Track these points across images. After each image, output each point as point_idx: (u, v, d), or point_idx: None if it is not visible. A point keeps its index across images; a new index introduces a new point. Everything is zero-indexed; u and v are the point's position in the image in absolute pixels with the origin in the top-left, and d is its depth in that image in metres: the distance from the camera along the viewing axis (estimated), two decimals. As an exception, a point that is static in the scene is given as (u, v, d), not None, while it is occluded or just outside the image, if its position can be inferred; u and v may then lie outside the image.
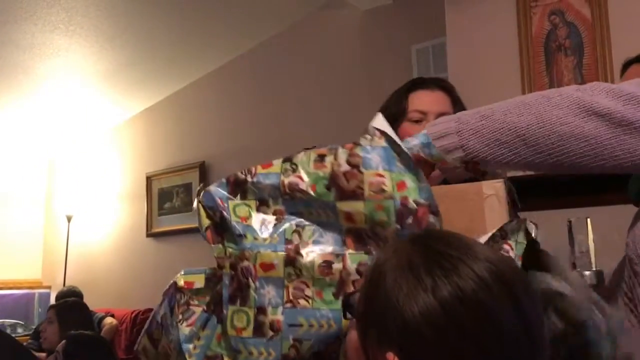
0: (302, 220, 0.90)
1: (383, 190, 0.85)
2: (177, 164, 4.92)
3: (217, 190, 0.97)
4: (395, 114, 1.40)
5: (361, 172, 0.87)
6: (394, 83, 1.73)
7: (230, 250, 0.90)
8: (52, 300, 4.75)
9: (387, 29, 3.85)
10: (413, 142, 0.94)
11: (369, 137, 0.93)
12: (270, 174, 0.92)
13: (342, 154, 0.91)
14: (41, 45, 3.98)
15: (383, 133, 0.92)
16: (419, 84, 1.44)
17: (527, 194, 1.16)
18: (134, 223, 5.18)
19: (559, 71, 2.65)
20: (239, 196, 0.95)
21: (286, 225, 0.90)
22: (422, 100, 1.40)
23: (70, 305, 3.32)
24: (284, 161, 0.93)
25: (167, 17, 3.90)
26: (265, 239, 0.89)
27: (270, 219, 0.91)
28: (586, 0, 2.62)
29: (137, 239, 5.14)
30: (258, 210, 0.92)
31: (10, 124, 5.13)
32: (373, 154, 0.89)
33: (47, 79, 4.45)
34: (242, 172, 0.96)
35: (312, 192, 0.88)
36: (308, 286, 0.85)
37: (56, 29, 3.81)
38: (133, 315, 4.47)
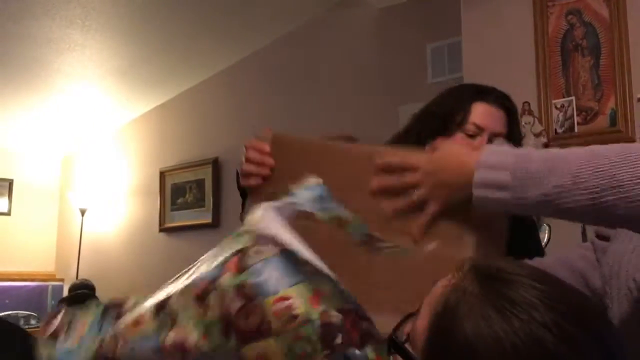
0: None
1: (294, 317, 0.65)
2: (191, 160, 4.93)
3: None
4: (452, 120, 1.31)
5: (260, 303, 0.66)
6: (409, 81, 1.72)
7: None
8: (65, 293, 4.79)
9: (402, 27, 3.83)
10: (302, 196, 0.77)
11: (255, 249, 0.70)
12: (145, 337, 0.69)
13: (228, 287, 0.67)
14: (58, 40, 4.01)
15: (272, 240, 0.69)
16: (485, 93, 1.34)
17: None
18: (147, 218, 5.21)
19: (575, 72, 2.63)
20: None
21: None
22: (485, 116, 1.31)
23: (79, 298, 3.36)
24: (155, 313, 0.70)
25: (182, 14, 3.91)
26: None
27: None
28: (604, 0, 2.59)
29: (149, 233, 5.17)
30: None
31: (26, 117, 5.18)
32: (267, 271, 0.67)
33: (63, 73, 4.49)
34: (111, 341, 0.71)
35: (205, 346, 0.66)
36: None
37: (73, 24, 3.84)
38: (145, 309, 4.49)
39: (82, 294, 3.52)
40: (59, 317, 0.76)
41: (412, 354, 0.62)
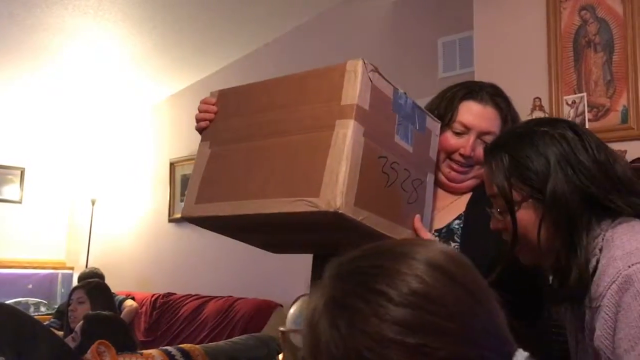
0: None
1: None
2: (201, 151, 4.95)
3: None
4: (443, 120, 1.36)
5: None
6: (420, 75, 1.73)
7: None
8: (75, 281, 4.84)
9: (414, 21, 3.82)
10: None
11: None
12: None
13: None
14: (71, 29, 4.03)
15: None
16: (474, 92, 1.38)
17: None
18: (157, 208, 5.24)
19: (587, 68, 2.61)
20: None
21: None
22: (471, 114, 1.35)
23: (98, 286, 3.40)
24: None
25: (194, 5, 3.91)
26: None
27: None
28: (618, -4, 2.57)
29: (159, 224, 5.20)
30: None
31: (38, 105, 5.21)
32: None
33: (75, 63, 4.51)
34: None
35: None
36: None
37: (86, 14, 3.85)
38: (153, 298, 4.53)
39: (97, 282, 3.56)
40: None
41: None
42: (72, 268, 5.61)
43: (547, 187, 1.01)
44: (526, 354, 0.63)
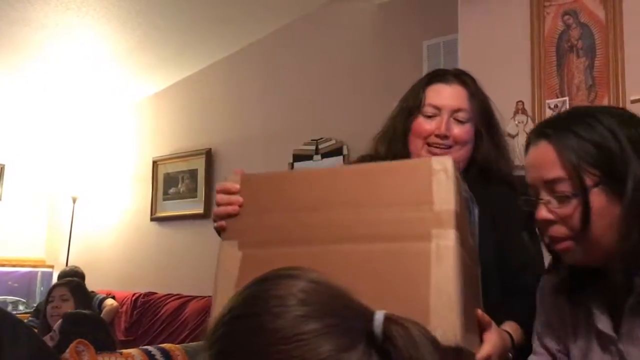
0: None
1: None
2: (184, 150, 4.93)
3: None
4: (412, 108, 1.39)
5: None
6: (404, 78, 1.73)
7: None
8: (55, 279, 4.78)
9: (399, 23, 3.83)
10: None
11: None
12: None
13: None
14: (53, 25, 3.99)
15: None
16: (438, 75, 1.42)
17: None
18: (139, 207, 5.20)
19: (569, 72, 2.64)
20: None
21: None
22: (438, 95, 1.38)
23: (79, 284, 3.41)
24: None
25: (179, 3, 3.89)
26: None
27: None
28: (601, 1, 2.60)
29: (141, 222, 5.16)
30: None
31: (19, 102, 5.15)
32: None
33: (57, 59, 4.46)
34: None
35: None
36: None
37: (69, 10, 3.81)
38: (134, 297, 4.50)
39: (78, 281, 3.55)
40: None
41: None
42: (52, 266, 5.54)
43: (629, 172, 0.91)
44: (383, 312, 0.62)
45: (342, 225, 0.99)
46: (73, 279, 3.61)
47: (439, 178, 0.96)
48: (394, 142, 1.42)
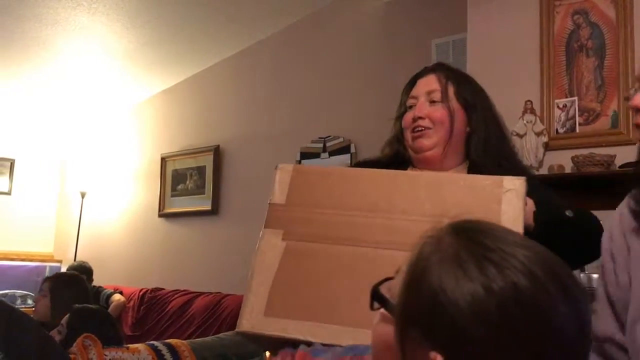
0: None
1: None
2: (192, 147, 4.94)
3: None
4: (401, 107, 1.47)
5: None
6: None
7: None
8: (63, 275, 4.81)
9: (408, 22, 3.82)
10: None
11: None
12: None
13: None
14: (64, 21, 4.01)
15: None
16: (418, 74, 1.48)
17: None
18: (147, 203, 5.23)
19: (579, 72, 2.63)
20: None
21: None
22: (416, 87, 1.44)
23: (65, 280, 3.19)
24: None
25: (188, 0, 3.90)
26: None
27: None
28: (612, 1, 2.59)
29: (149, 218, 5.18)
30: None
31: (29, 97, 5.18)
32: None
33: (67, 55, 4.48)
34: None
35: None
36: None
37: (79, 6, 3.83)
38: (141, 293, 4.52)
39: (68, 275, 3.38)
40: None
41: (391, 302, 0.65)
42: (60, 261, 5.58)
43: None
44: None
45: (399, 232, 0.97)
46: (63, 273, 3.51)
47: (510, 197, 0.95)
48: (395, 143, 1.46)
